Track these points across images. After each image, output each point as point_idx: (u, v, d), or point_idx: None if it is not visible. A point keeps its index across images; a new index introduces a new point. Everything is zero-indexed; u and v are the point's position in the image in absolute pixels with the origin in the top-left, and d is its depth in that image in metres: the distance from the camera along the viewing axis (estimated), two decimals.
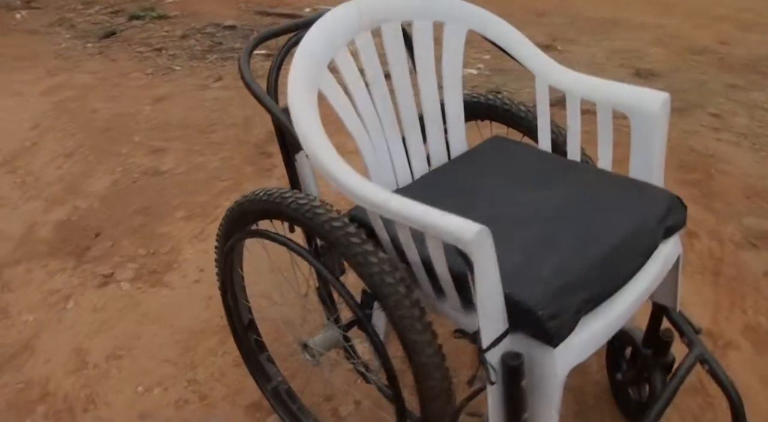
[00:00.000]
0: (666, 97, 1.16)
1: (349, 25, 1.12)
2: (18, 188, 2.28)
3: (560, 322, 0.92)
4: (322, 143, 0.96)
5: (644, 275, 1.07)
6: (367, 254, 0.96)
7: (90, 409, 1.49)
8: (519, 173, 1.24)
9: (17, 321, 1.73)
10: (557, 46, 3.68)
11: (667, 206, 1.13)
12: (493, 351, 0.92)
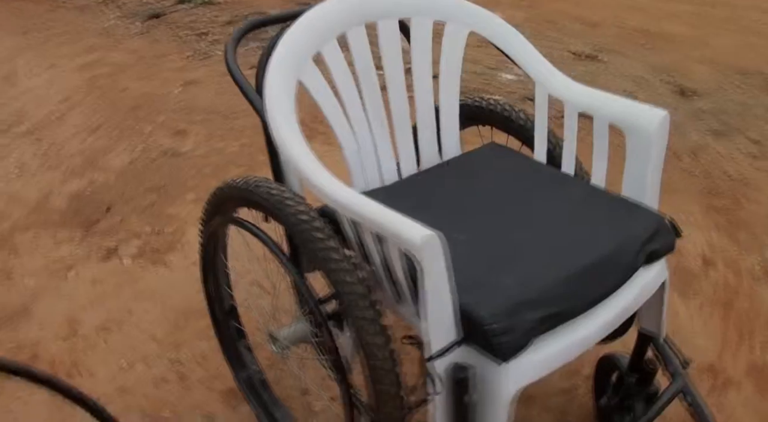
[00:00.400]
0: (664, 116, 1.14)
1: (341, 18, 1.14)
2: (40, 157, 2.38)
3: (511, 338, 0.91)
4: (290, 133, 0.98)
5: (618, 299, 1.05)
6: (328, 251, 0.97)
7: (73, 377, 1.55)
8: (505, 183, 1.24)
9: (19, 284, 1.81)
10: (601, 58, 3.62)
11: (653, 229, 1.11)
12: (440, 361, 0.92)
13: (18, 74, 2.97)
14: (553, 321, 0.96)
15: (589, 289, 1.00)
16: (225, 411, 1.49)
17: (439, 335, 0.91)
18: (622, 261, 1.05)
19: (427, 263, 0.85)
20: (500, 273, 0.98)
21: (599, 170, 1.24)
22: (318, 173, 0.94)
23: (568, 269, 1.00)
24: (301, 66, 1.07)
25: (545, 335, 0.96)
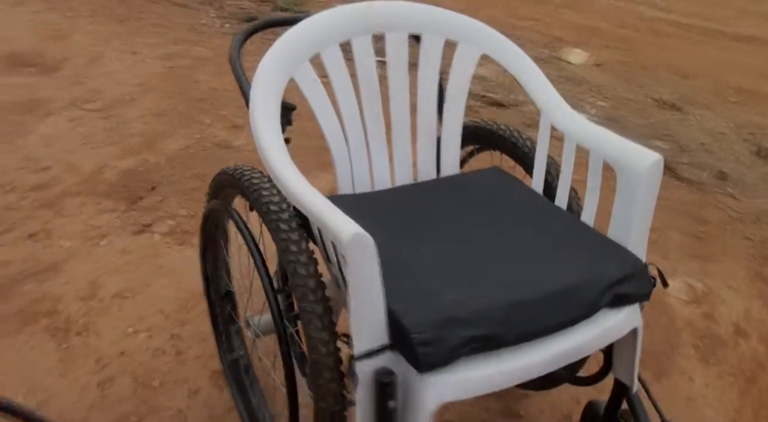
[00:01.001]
0: (657, 159, 1.15)
1: (347, 25, 1.23)
2: (105, 132, 2.62)
3: (433, 351, 0.94)
4: (264, 122, 1.07)
5: (571, 336, 1.06)
6: (288, 242, 1.04)
7: (82, 335, 1.71)
8: (489, 206, 1.27)
9: (55, 244, 2.01)
10: (685, 109, 3.56)
11: (626, 272, 1.11)
12: (367, 362, 0.96)
13: (105, 57, 3.28)
14: (484, 343, 0.98)
15: (533, 319, 1.02)
16: (210, 389, 1.59)
17: (366, 336, 0.95)
18: (580, 298, 1.06)
19: (352, 260, 0.90)
20: (445, 289, 1.01)
21: (590, 206, 1.26)
22: (278, 160, 1.03)
23: (516, 297, 1.02)
24: (295, 65, 1.17)
25: (478, 356, 0.98)
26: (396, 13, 1.29)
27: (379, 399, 0.97)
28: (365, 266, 0.92)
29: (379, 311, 0.95)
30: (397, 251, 1.11)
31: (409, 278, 1.04)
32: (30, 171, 2.32)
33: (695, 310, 2.04)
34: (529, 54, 4.70)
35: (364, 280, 0.93)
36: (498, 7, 4.85)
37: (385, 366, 0.97)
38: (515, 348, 1.02)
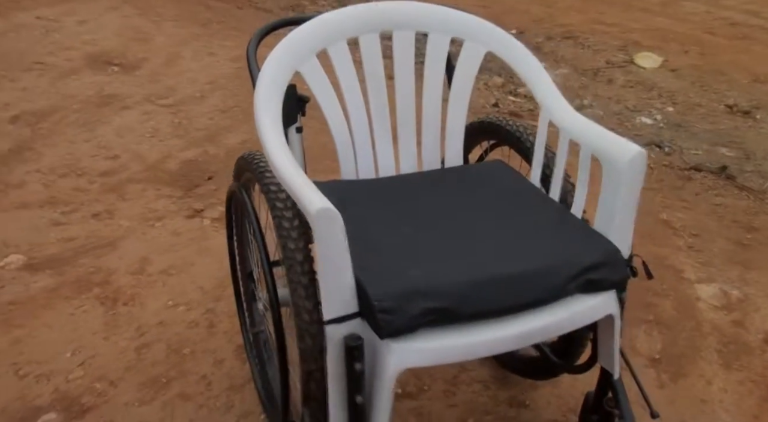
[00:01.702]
0: (639, 152, 1.18)
1: (355, 23, 1.33)
2: (172, 126, 2.85)
3: (392, 318, 1.01)
4: (265, 108, 1.19)
5: (537, 317, 1.11)
6: (281, 219, 1.14)
7: (128, 305, 1.90)
8: (483, 197, 1.34)
9: (115, 223, 2.22)
10: (756, 115, 3.44)
11: (599, 260, 1.15)
12: (337, 328, 1.05)
13: (182, 57, 3.54)
14: (443, 315, 1.04)
15: (494, 297, 1.07)
16: (234, 361, 1.73)
17: (335, 303, 1.03)
18: (546, 281, 1.11)
19: (318, 232, 0.99)
20: (413, 266, 1.09)
21: (579, 198, 1.30)
22: (272, 142, 1.14)
23: (479, 275, 1.08)
24: (302, 59, 1.28)
25: (439, 328, 1.05)
26: (404, 13, 1.38)
27: (347, 362, 1.06)
28: (331, 238, 1.00)
29: (347, 281, 1.04)
30: (378, 231, 1.20)
31: (383, 256, 1.13)
32: (101, 158, 2.57)
33: (725, 316, 2.01)
34: (600, 57, 4.70)
35: (331, 251, 1.01)
36: (583, 13, 4.82)
37: (354, 332, 1.06)
38: (478, 322, 1.08)
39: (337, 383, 1.09)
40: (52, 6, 4.02)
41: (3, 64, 3.23)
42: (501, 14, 4.83)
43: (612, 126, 3.28)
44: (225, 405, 1.61)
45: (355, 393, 1.08)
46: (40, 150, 2.58)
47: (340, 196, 1.31)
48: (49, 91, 3.03)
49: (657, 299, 2.05)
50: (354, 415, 1.10)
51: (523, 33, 4.51)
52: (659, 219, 2.49)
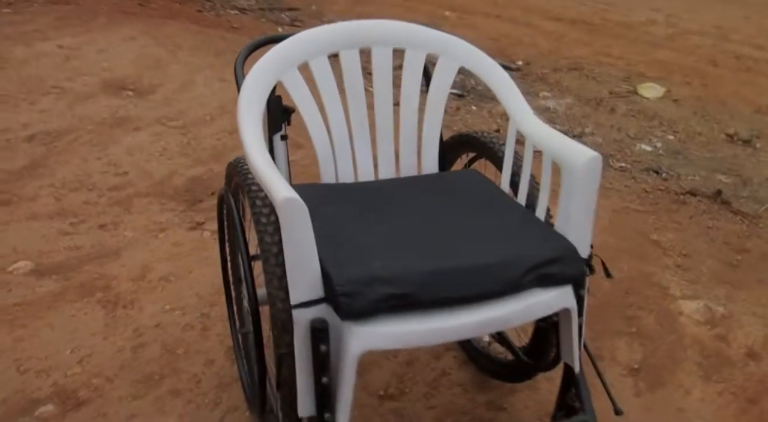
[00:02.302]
0: (593, 156, 1.27)
1: (336, 39, 1.46)
2: (181, 146, 3.00)
3: (353, 301, 1.11)
4: (247, 111, 1.31)
5: (493, 308, 1.19)
6: (260, 215, 1.24)
7: (127, 308, 2.01)
8: (452, 200, 1.44)
9: (120, 234, 2.35)
10: (756, 144, 3.52)
11: (554, 256, 1.24)
12: (304, 311, 1.14)
13: (195, 83, 3.71)
14: (402, 301, 1.13)
15: (451, 287, 1.16)
16: (224, 361, 1.83)
17: (301, 289, 1.13)
18: (501, 274, 1.20)
19: (284, 220, 1.09)
20: (377, 257, 1.19)
21: (542, 202, 1.39)
22: (250, 141, 1.25)
23: (438, 266, 1.17)
24: (284, 70, 1.40)
25: (400, 314, 1.14)
26: (382, 31, 1.51)
27: (313, 344, 1.16)
28: (296, 226, 1.10)
29: (313, 267, 1.14)
30: (349, 227, 1.30)
31: (350, 248, 1.23)
32: (110, 174, 2.72)
33: (708, 331, 2.06)
34: (604, 88, 4.86)
35: (296, 238, 1.11)
36: (589, 46, 4.95)
37: (319, 317, 1.15)
38: (437, 310, 1.17)
39: (305, 365, 1.18)
40: (74, 36, 4.24)
41: (23, 89, 3.43)
42: (508, 47, 4.98)
43: (610, 153, 3.38)
44: (213, 402, 1.70)
45: (321, 375, 1.17)
46: (54, 167, 2.74)
47: (317, 196, 1.43)
48: (65, 114, 3.20)
49: (640, 312, 2.12)
50: (320, 396, 1.18)
51: (529, 64, 4.65)
52: (649, 239, 2.56)
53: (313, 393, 1.19)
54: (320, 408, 1.19)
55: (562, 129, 3.66)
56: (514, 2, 6.17)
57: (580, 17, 5.69)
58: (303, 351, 1.17)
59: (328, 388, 1.18)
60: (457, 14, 5.79)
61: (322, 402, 1.18)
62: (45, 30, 4.27)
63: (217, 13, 5.31)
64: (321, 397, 1.18)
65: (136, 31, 4.44)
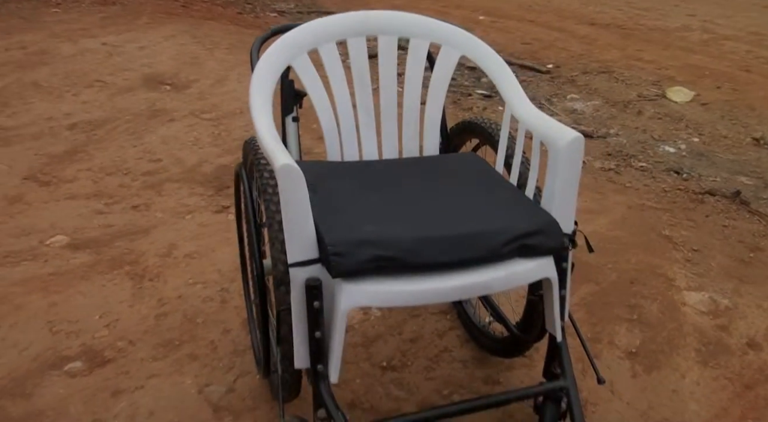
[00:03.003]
0: (575, 137, 1.36)
1: (344, 28, 1.58)
2: (212, 136, 3.17)
3: (343, 260, 1.21)
4: (258, 90, 1.44)
5: (476, 274, 1.28)
6: (267, 186, 1.36)
7: (153, 280, 2.16)
8: (447, 177, 1.54)
9: (151, 214, 2.51)
10: None
11: (536, 228, 1.33)
12: (300, 270, 1.25)
13: (229, 79, 3.90)
14: (389, 263, 1.23)
15: (436, 252, 1.26)
16: (239, 331, 1.96)
17: (297, 249, 1.23)
18: (484, 243, 1.29)
19: (281, 185, 1.20)
20: (370, 223, 1.30)
21: (531, 181, 1.49)
22: (259, 113, 1.38)
23: (426, 233, 1.28)
24: (294, 55, 1.53)
25: (387, 275, 1.24)
26: (388, 20, 1.62)
27: (308, 300, 1.27)
28: (292, 191, 1.21)
29: (308, 230, 1.25)
30: (348, 197, 1.42)
31: (346, 215, 1.34)
32: (145, 161, 2.90)
33: (710, 321, 2.12)
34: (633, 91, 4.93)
35: (293, 202, 1.22)
36: (621, 50, 5.00)
37: (314, 276, 1.27)
38: (423, 273, 1.27)
39: (300, 321, 1.29)
40: (118, 34, 4.49)
41: (68, 82, 3.65)
42: (540, 50, 5.06)
43: (633, 153, 3.43)
44: (227, 366, 1.83)
45: (314, 329, 1.28)
46: (92, 152, 2.93)
47: (322, 171, 1.55)
48: (106, 105, 3.41)
49: (643, 301, 2.18)
50: (314, 349, 1.30)
51: (559, 67, 4.72)
52: (661, 234, 2.61)
53: (308, 347, 1.30)
54: (314, 360, 1.30)
55: (587, 130, 3.72)
56: (549, 7, 6.24)
57: (614, 22, 5.73)
58: (299, 307, 1.28)
59: (321, 342, 1.29)
60: (490, 18, 5.89)
61: (316, 355, 1.30)
62: (90, 28, 4.52)
63: (257, 15, 5.52)
64: (315, 350, 1.30)
65: (176, 31, 4.66)
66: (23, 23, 4.60)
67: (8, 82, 3.64)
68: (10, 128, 3.14)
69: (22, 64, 3.88)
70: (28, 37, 4.29)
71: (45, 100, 3.43)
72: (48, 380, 1.74)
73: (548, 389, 1.44)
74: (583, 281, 2.26)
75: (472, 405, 1.40)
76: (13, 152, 2.92)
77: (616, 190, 2.99)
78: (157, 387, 1.75)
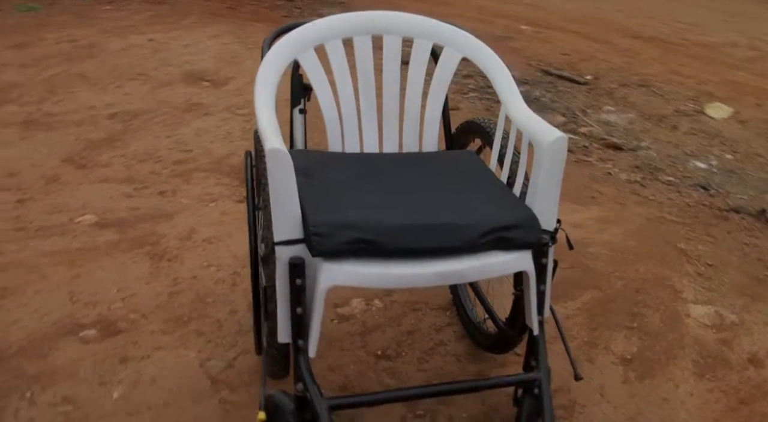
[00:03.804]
0: (559, 136, 1.42)
1: (351, 26, 1.68)
2: (243, 131, 3.31)
3: (323, 240, 1.30)
4: (263, 79, 1.54)
5: (452, 262, 1.36)
6: (265, 171, 1.48)
7: (171, 260, 2.29)
8: (440, 172, 1.62)
9: (176, 200, 2.66)
10: None
11: (514, 222, 1.39)
12: (285, 249, 1.33)
13: None
14: (368, 246, 1.31)
15: (414, 239, 1.34)
16: (246, 312, 2.07)
17: (283, 229, 1.32)
18: (464, 233, 1.36)
19: (269, 167, 1.29)
20: (354, 209, 1.38)
21: (519, 178, 1.56)
22: (261, 102, 1.49)
23: (406, 221, 1.36)
24: (300, 50, 1.63)
25: (366, 258, 1.32)
26: (393, 20, 1.72)
27: (291, 278, 1.36)
28: (280, 173, 1.30)
29: (294, 211, 1.34)
30: (340, 185, 1.52)
31: (334, 200, 1.44)
32: (176, 151, 3.05)
33: (713, 334, 2.13)
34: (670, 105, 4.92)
35: (279, 184, 1.31)
36: (663, 64, 4.98)
37: (297, 255, 1.35)
38: (401, 258, 1.35)
39: (284, 297, 1.38)
40: (164, 32, 4.71)
41: (113, 74, 3.87)
42: (580, 61, 5.07)
43: (661, 167, 3.43)
44: (230, 343, 1.94)
45: (296, 305, 1.37)
46: (128, 141, 3.11)
47: (321, 159, 1.65)
48: (146, 97, 3.60)
49: (645, 310, 2.21)
50: (295, 324, 1.38)
51: (598, 79, 4.72)
52: (676, 247, 2.62)
53: (290, 322, 1.39)
54: (295, 335, 1.39)
55: (618, 142, 3.74)
56: (594, 19, 6.23)
57: (659, 36, 5.70)
58: (283, 284, 1.37)
59: (302, 318, 1.38)
60: (533, 28, 5.92)
61: (297, 331, 1.39)
62: (139, 25, 4.76)
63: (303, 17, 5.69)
64: (296, 326, 1.39)
65: (221, 31, 4.86)
66: (76, 19, 4.87)
67: (57, 72, 3.87)
68: (54, 113, 3.35)
69: (71, 57, 4.11)
70: (79, 32, 4.55)
71: (89, 90, 3.64)
72: (63, 344, 1.88)
73: (520, 380, 1.50)
74: (588, 287, 2.29)
75: (437, 390, 1.47)
76: (55, 137, 3.11)
77: (637, 202, 3.01)
78: (162, 357, 1.87)
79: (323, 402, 1.34)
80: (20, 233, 2.37)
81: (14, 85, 3.65)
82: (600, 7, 6.61)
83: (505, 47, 5.42)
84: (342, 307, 2.11)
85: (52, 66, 3.96)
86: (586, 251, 2.49)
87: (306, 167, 1.59)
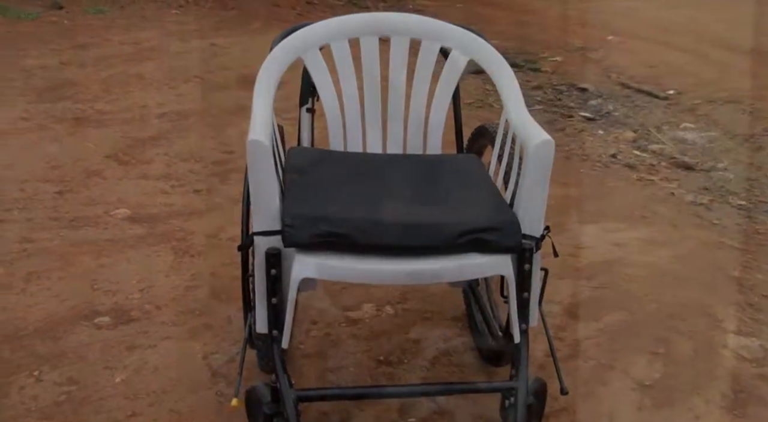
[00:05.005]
0: (544, 140, 1.49)
1: (358, 27, 1.80)
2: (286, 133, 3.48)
3: (295, 232, 1.41)
4: (265, 74, 1.69)
5: (428, 262, 1.45)
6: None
7: (194, 256, 2.49)
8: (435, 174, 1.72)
9: (210, 199, 2.88)
10: None
11: (493, 225, 1.48)
12: (262, 240, 1.45)
13: None
14: (341, 239, 1.41)
15: (388, 236, 1.43)
16: None
17: (262, 220, 1.44)
18: (440, 232, 1.45)
19: (249, 158, 1.42)
20: (335, 204, 1.50)
21: (511, 182, 1.63)
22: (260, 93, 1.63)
23: (382, 218, 1.46)
24: (305, 49, 1.78)
25: (340, 252, 1.43)
26: (401, 22, 1.84)
27: (267, 268, 1.48)
28: (258, 164, 1.43)
29: (272, 202, 1.46)
30: (330, 181, 1.64)
31: (317, 196, 1.56)
32: (218, 151, 3.28)
33: (751, 368, 2.09)
34: (759, 125, 4.90)
35: (259, 175, 1.44)
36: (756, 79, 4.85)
37: (275, 246, 1.47)
38: (376, 254, 1.45)
39: (262, 288, 1.51)
40: (227, 37, 5.02)
41: (169, 76, 4.18)
42: (665, 74, 5.02)
43: (735, 191, 3.36)
44: (235, 339, 2.09)
45: (272, 295, 1.50)
46: (173, 140, 3.37)
47: (320, 156, 1.78)
48: (198, 99, 3.87)
49: (676, 336, 2.20)
50: (271, 314, 1.51)
51: (680, 94, 4.67)
52: (728, 275, 2.59)
53: (266, 312, 1.52)
54: (271, 325, 1.52)
55: (690, 161, 3.69)
56: (687, 29, 6.12)
57: (758, 48, 5.52)
58: (260, 274, 1.50)
59: (277, 309, 1.50)
60: (619, 38, 5.89)
61: (272, 321, 1.51)
62: (204, 30, 5.10)
63: None
64: (272, 316, 1.51)
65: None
66: (143, 22, 5.27)
67: (114, 72, 4.21)
68: (106, 111, 3.66)
69: (131, 58, 4.47)
70: (144, 35, 4.92)
71: (144, 90, 3.95)
72: (77, 328, 2.09)
73: (495, 387, 1.57)
74: (615, 308, 2.31)
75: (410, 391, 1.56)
76: (103, 134, 3.41)
77: (697, 225, 2.97)
78: (168, 348, 2.04)
79: (291, 393, 1.46)
80: (54, 223, 2.63)
81: (72, 83, 4.01)
82: (697, 17, 6.47)
83: (581, 58, 5.43)
84: (352, 311, 2.22)
85: (112, 66, 4.32)
86: (621, 271, 2.50)
87: (301, 164, 1.73)
